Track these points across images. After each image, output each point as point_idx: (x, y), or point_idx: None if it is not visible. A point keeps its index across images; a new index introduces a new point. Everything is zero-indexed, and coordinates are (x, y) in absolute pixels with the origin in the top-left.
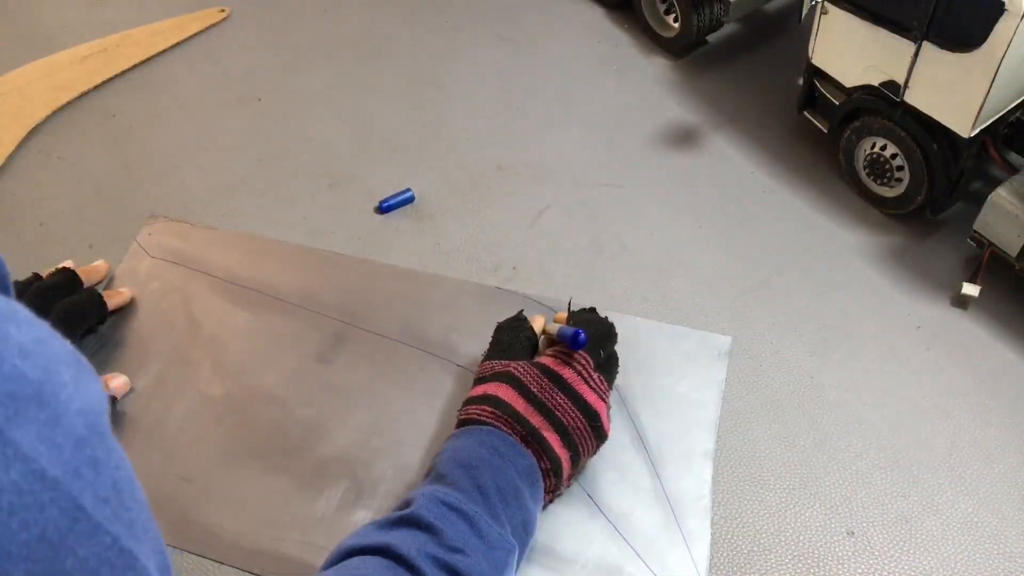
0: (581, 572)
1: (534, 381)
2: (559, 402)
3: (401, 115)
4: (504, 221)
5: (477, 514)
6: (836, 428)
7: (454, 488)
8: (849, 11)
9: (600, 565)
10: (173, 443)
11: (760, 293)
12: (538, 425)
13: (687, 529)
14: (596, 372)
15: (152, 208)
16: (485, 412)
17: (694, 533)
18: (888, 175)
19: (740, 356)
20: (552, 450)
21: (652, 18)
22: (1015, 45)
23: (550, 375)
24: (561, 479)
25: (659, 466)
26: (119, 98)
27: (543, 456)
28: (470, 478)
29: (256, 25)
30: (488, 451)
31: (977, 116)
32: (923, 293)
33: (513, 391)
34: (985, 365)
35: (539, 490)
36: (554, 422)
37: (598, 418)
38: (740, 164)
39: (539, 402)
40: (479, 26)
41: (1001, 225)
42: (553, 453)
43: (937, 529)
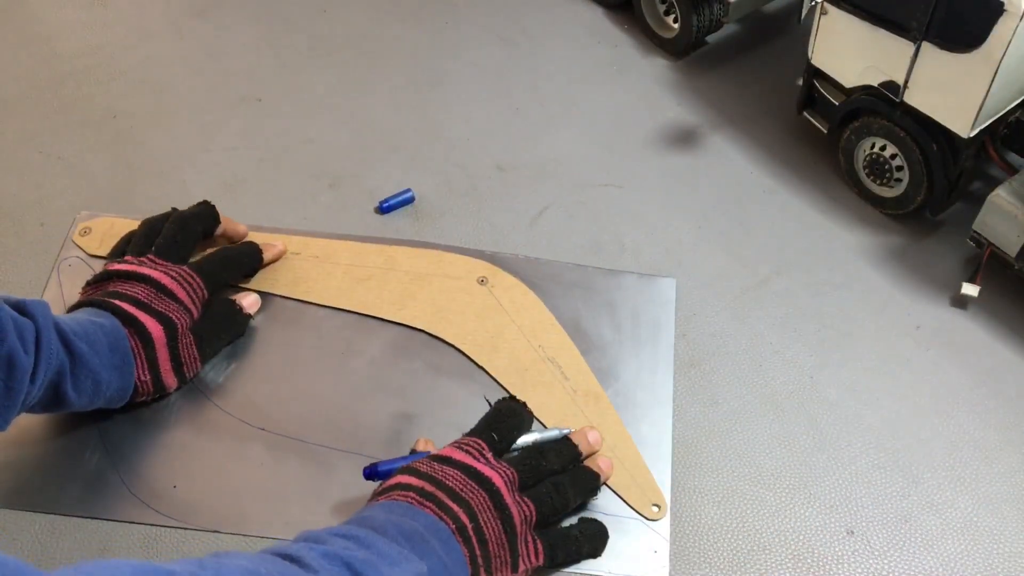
0: None
1: (423, 464)
2: (447, 472)
3: (401, 115)
4: (504, 221)
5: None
6: (836, 428)
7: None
8: (849, 11)
9: None
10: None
11: (760, 293)
12: (429, 488)
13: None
14: (491, 453)
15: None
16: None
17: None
18: (888, 175)
19: (740, 356)
20: (449, 508)
21: (652, 19)
22: (1015, 45)
23: (438, 458)
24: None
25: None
26: (119, 98)
27: (442, 515)
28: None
29: (256, 25)
30: (382, 510)
31: (976, 116)
32: (923, 293)
33: (406, 476)
34: (985, 365)
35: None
36: (443, 487)
37: (490, 483)
38: (740, 164)
39: (427, 475)
40: (479, 26)
41: (1001, 225)
42: (451, 510)
43: (937, 528)
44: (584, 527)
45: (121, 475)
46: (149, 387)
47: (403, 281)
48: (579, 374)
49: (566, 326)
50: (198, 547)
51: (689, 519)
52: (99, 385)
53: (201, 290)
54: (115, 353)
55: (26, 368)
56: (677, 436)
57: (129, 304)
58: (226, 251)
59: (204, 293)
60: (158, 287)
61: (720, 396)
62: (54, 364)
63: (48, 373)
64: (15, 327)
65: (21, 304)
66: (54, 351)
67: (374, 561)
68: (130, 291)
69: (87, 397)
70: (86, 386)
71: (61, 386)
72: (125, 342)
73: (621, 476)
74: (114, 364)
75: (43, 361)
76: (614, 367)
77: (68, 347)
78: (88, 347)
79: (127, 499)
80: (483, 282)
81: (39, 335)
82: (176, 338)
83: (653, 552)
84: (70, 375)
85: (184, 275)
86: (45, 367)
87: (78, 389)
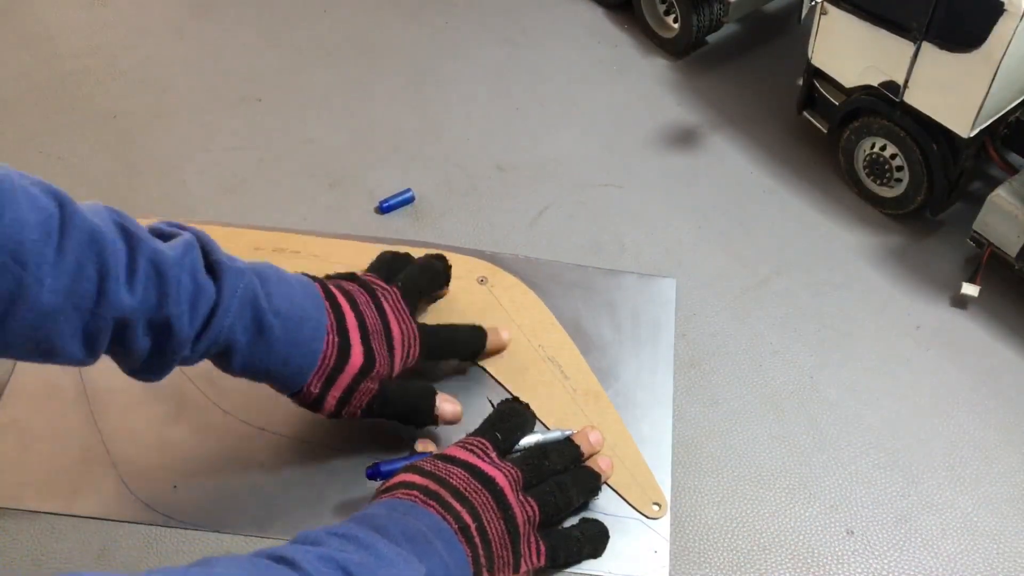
0: None
1: (428, 463)
2: (452, 471)
3: (401, 115)
4: (504, 221)
5: (372, 542)
6: (836, 428)
7: (340, 538)
8: (849, 11)
9: None
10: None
11: (760, 293)
12: (433, 487)
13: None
14: (495, 453)
15: (153, 208)
16: (382, 495)
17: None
18: (888, 175)
19: (740, 356)
20: (453, 508)
21: (652, 18)
22: (1014, 45)
23: (442, 457)
24: (478, 555)
25: (621, 410)
26: (119, 98)
27: (446, 515)
28: (364, 523)
29: (256, 25)
30: (384, 508)
31: (976, 116)
32: (923, 293)
33: (410, 474)
34: (985, 365)
35: (458, 554)
36: (448, 486)
37: (493, 483)
38: (740, 164)
39: (432, 474)
40: (479, 26)
41: (1001, 225)
42: (454, 510)
43: (936, 528)
44: (585, 528)
45: (121, 475)
46: (311, 398)
47: None
48: (579, 374)
49: (566, 326)
50: (198, 547)
51: (689, 519)
52: (269, 371)
53: (414, 360)
54: (304, 352)
55: (186, 338)
56: (677, 436)
57: (355, 321)
58: (457, 332)
59: (414, 361)
60: (386, 329)
61: (720, 396)
62: (222, 340)
63: (214, 347)
64: (192, 292)
65: (217, 265)
66: (225, 328)
67: (371, 564)
68: (364, 309)
69: (251, 374)
70: (257, 365)
71: (228, 357)
72: (320, 345)
73: (621, 475)
74: (294, 359)
75: (209, 336)
76: (614, 367)
77: (259, 322)
78: (282, 331)
79: (127, 499)
80: (483, 282)
81: (215, 308)
82: (363, 379)
83: (653, 552)
84: (243, 350)
85: (411, 336)
86: (210, 342)
87: (246, 365)
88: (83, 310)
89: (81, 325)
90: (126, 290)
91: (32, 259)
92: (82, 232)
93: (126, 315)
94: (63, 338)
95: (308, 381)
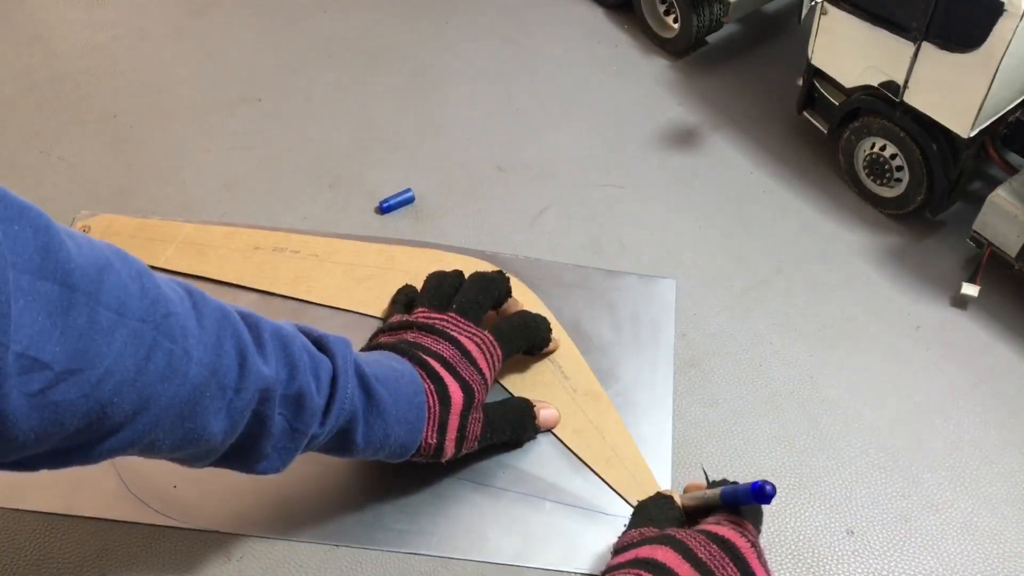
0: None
1: (701, 546)
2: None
3: (401, 115)
4: (504, 221)
5: None
6: (836, 428)
7: None
8: (849, 11)
9: (579, 497)
10: None
11: (760, 293)
12: None
13: (653, 470)
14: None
15: (152, 208)
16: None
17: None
18: (888, 175)
19: (740, 356)
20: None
21: (652, 19)
22: (1014, 45)
23: (719, 541)
24: None
25: (621, 411)
26: (119, 98)
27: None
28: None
29: (256, 25)
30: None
31: (976, 116)
32: (923, 293)
33: (675, 554)
34: (985, 365)
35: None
36: None
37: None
38: (740, 164)
39: (707, 569)
40: (479, 26)
41: (1001, 225)
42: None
43: (936, 528)
44: None
45: (121, 475)
46: (431, 450)
47: (403, 281)
48: (579, 374)
49: (566, 326)
50: (198, 547)
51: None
52: (388, 437)
53: (499, 360)
54: (411, 408)
55: (316, 410)
56: (677, 436)
57: (436, 361)
58: (524, 319)
59: (500, 363)
60: (462, 350)
61: (720, 396)
62: (347, 409)
63: (341, 418)
64: (311, 364)
65: (322, 339)
66: (349, 395)
67: None
68: (435, 347)
69: (373, 447)
70: (376, 435)
71: (351, 432)
72: (423, 397)
73: (621, 475)
74: (407, 418)
75: (336, 404)
76: (614, 367)
77: (367, 390)
78: (388, 394)
79: (127, 499)
80: None
81: (336, 375)
82: (470, 409)
83: None
84: (363, 421)
85: (486, 342)
86: (338, 411)
87: (368, 437)
88: (227, 387)
89: (226, 402)
90: (262, 362)
91: (179, 332)
92: (214, 309)
93: (268, 386)
94: (207, 416)
95: (423, 435)
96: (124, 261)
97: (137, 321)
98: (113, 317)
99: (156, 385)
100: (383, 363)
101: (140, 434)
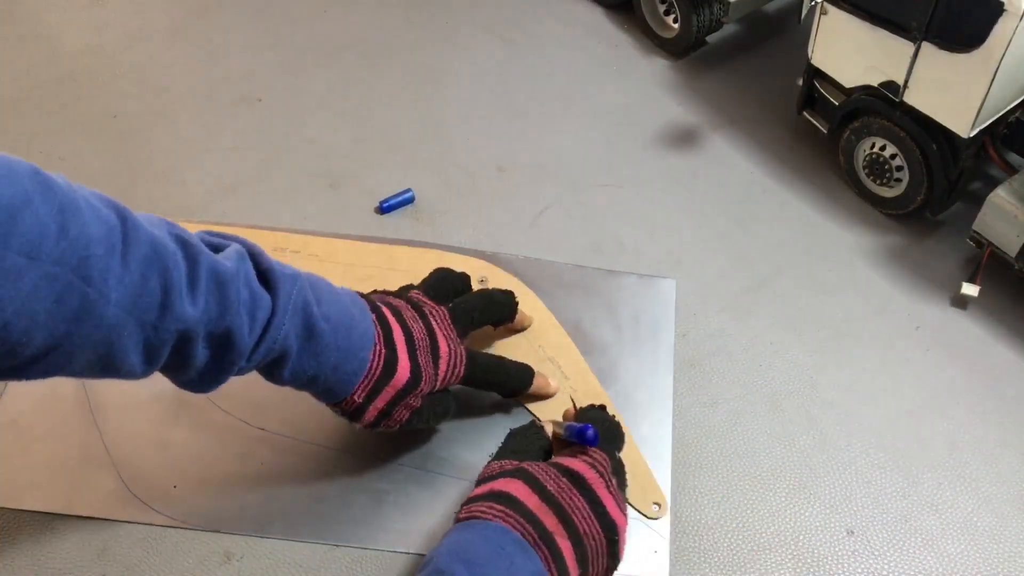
0: None
1: (551, 479)
2: (577, 505)
3: (401, 115)
4: (504, 221)
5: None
6: (836, 428)
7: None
8: (849, 11)
9: None
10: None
11: (760, 293)
12: (552, 529)
13: (653, 470)
14: (614, 478)
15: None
16: (493, 509)
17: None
18: (888, 175)
19: (740, 356)
20: (563, 560)
21: (652, 19)
22: (1014, 45)
23: (569, 474)
24: None
25: (621, 411)
26: (119, 98)
27: (552, 565)
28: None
29: (256, 25)
30: (494, 549)
31: (976, 116)
32: (923, 293)
33: (526, 487)
34: (985, 365)
35: None
36: (570, 529)
37: (615, 531)
38: (740, 164)
39: (555, 502)
40: (479, 26)
41: (1000, 225)
42: (563, 564)
43: (936, 528)
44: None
45: (121, 475)
46: (352, 407)
47: (403, 281)
48: (579, 374)
49: (566, 326)
50: (198, 547)
51: (689, 519)
52: (317, 378)
53: (457, 377)
54: (352, 360)
55: (245, 348)
56: (677, 436)
57: (402, 334)
58: (506, 367)
59: (457, 380)
60: (433, 343)
61: (720, 396)
62: (277, 348)
63: (269, 355)
64: (249, 301)
65: (269, 272)
66: (283, 333)
67: None
68: (410, 323)
69: (300, 383)
70: (305, 373)
71: (280, 367)
72: (368, 354)
73: None
74: (344, 368)
75: (265, 345)
76: (614, 367)
77: (310, 328)
78: (332, 337)
79: (127, 499)
80: (483, 282)
81: (272, 316)
82: (406, 395)
83: (653, 552)
84: (295, 357)
85: (457, 358)
86: (266, 350)
87: (296, 374)
88: (146, 324)
89: (143, 339)
90: (189, 302)
91: (97, 274)
92: (144, 245)
93: (189, 327)
94: (125, 352)
95: (353, 390)
96: (47, 195)
97: (50, 264)
98: (23, 262)
99: (68, 326)
100: (341, 303)
101: (55, 367)
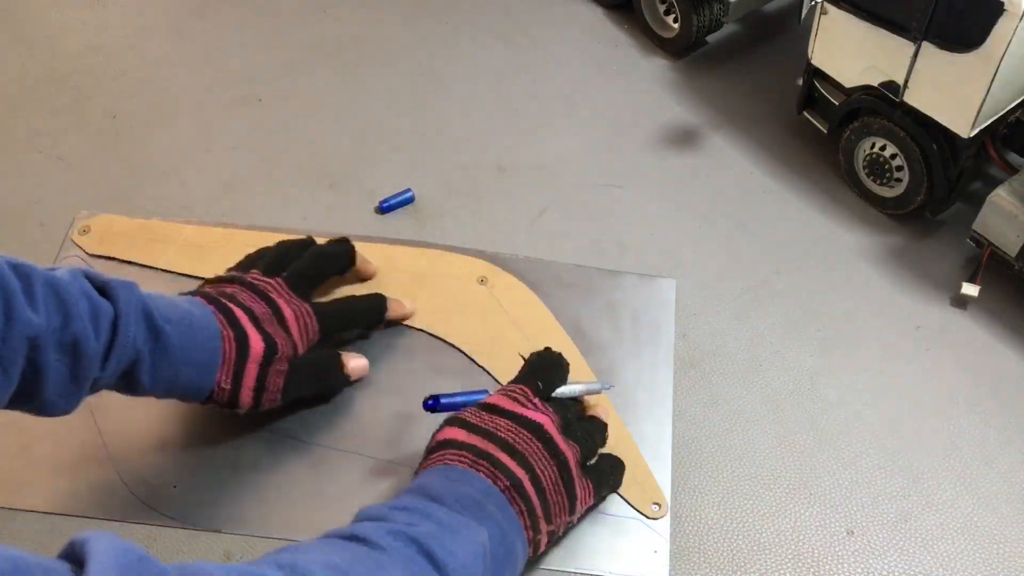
0: None
1: (472, 414)
2: (499, 423)
3: (401, 115)
4: (504, 221)
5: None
6: (836, 428)
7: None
8: (849, 11)
9: None
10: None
11: (760, 293)
12: (483, 447)
13: (653, 470)
14: (537, 399)
15: (152, 208)
16: (432, 457)
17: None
18: (888, 175)
19: (740, 356)
20: (504, 466)
21: (652, 18)
22: (1014, 45)
23: (486, 407)
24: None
25: (621, 410)
26: (119, 98)
27: (497, 475)
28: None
29: (256, 25)
30: (438, 477)
31: (976, 116)
32: (923, 293)
33: (456, 428)
34: (985, 365)
35: (509, 514)
36: (497, 440)
37: (541, 429)
38: (740, 164)
39: (479, 428)
40: (479, 26)
41: (1001, 225)
42: (505, 468)
43: (936, 528)
44: (607, 460)
45: (121, 475)
46: (225, 396)
47: (403, 281)
48: (579, 374)
49: (566, 326)
50: (198, 547)
51: (689, 519)
52: (177, 377)
53: (315, 334)
54: (203, 351)
55: (95, 355)
56: (677, 436)
57: (244, 313)
58: (352, 303)
59: (316, 337)
60: (276, 311)
61: (720, 396)
62: (130, 351)
63: (123, 361)
64: (90, 310)
65: (106, 285)
66: (131, 337)
67: (437, 533)
68: (248, 303)
69: (163, 386)
70: (164, 375)
71: (137, 373)
72: (217, 342)
73: None
74: (198, 360)
75: (118, 347)
76: (614, 367)
77: (155, 330)
78: (176, 335)
79: (127, 499)
80: (483, 282)
81: (117, 319)
82: (270, 362)
83: (653, 552)
84: (149, 361)
85: (304, 314)
86: (119, 354)
87: (155, 377)
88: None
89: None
90: (31, 311)
91: None
92: None
93: (37, 334)
94: None
95: (217, 379)
96: None
97: None
98: None
99: None
100: (178, 305)
101: None
